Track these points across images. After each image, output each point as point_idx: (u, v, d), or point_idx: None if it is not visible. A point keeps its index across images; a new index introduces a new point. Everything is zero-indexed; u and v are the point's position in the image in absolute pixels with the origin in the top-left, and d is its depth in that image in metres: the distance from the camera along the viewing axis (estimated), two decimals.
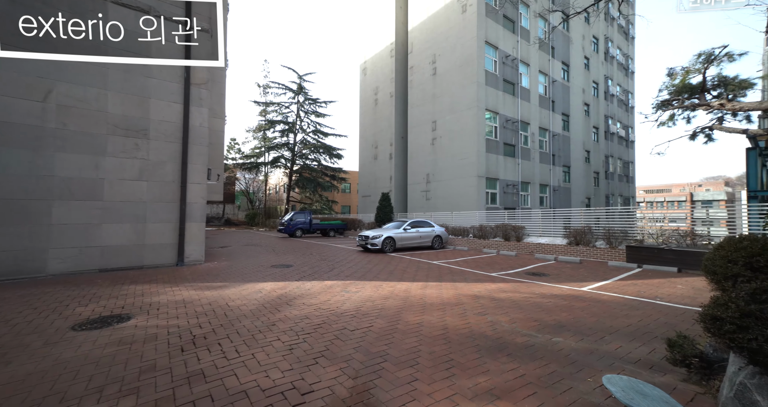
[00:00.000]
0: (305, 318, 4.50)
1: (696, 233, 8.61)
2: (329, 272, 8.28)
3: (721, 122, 9.26)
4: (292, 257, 11.27)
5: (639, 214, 17.31)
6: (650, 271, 8.46)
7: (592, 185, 28.47)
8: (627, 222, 11.91)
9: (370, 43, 29.15)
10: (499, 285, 6.99)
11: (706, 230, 9.94)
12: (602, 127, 30.48)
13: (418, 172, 23.08)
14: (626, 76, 36.31)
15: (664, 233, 9.58)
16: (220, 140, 14.60)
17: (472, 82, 19.25)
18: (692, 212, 10.92)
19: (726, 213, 9.65)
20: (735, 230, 9.09)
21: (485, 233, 14.40)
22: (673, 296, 6.04)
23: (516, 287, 6.83)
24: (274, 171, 39.07)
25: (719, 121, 9.15)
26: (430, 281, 7.43)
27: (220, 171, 14.58)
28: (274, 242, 17.45)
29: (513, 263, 10.12)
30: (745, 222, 8.77)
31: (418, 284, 7.04)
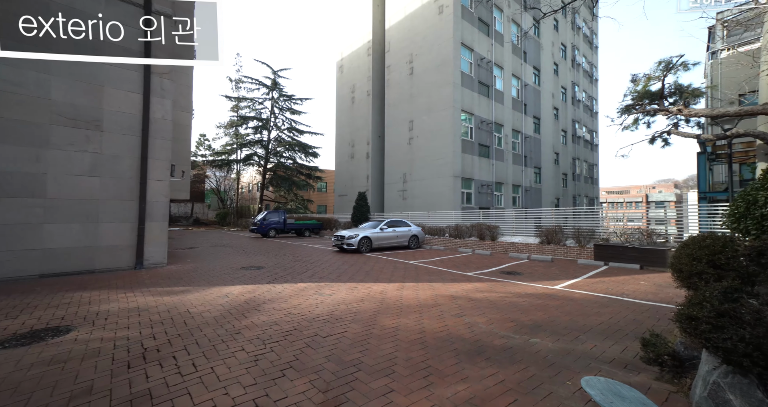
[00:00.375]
0: (274, 324, 4.21)
1: (654, 232, 9.08)
2: (303, 274, 7.95)
3: (677, 127, 9.84)
4: (264, 259, 10.78)
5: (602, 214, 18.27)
6: (616, 268, 8.82)
7: (560, 186, 29.70)
8: (593, 222, 12.43)
9: (348, 41, 28.75)
10: (475, 285, 6.98)
11: (658, 228, 10.56)
12: (570, 130, 31.88)
13: (395, 171, 23.02)
14: (591, 83, 38.25)
15: (627, 232, 10.05)
16: (186, 135, 13.76)
17: (448, 83, 19.43)
18: (647, 212, 11.52)
19: (675, 213, 10.26)
20: (683, 228, 9.73)
21: (461, 232, 14.53)
22: (638, 292, 6.28)
23: (492, 286, 6.85)
24: (247, 169, 37.68)
25: (675, 126, 9.71)
26: (407, 281, 7.30)
27: (186, 168, 13.75)
28: (245, 243, 16.72)
29: (488, 263, 10.23)
30: (695, 221, 9.36)
31: (394, 285, 6.89)
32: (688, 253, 3.64)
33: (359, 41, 27.17)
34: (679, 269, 3.77)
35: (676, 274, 3.86)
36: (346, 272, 8.31)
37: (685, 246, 3.77)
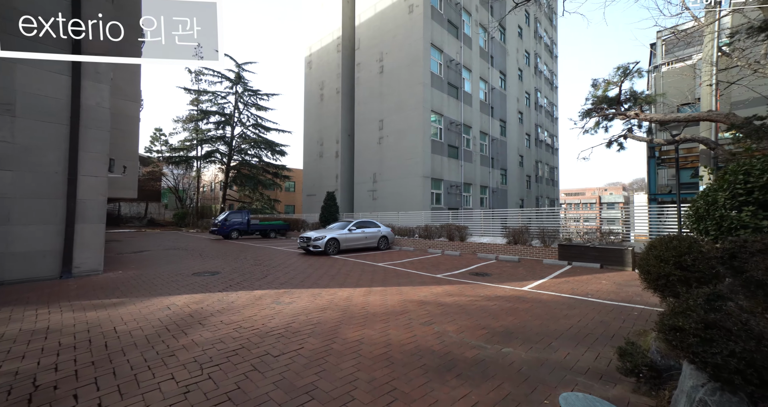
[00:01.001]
0: (219, 341, 3.64)
1: (612, 232, 9.45)
2: (262, 280, 7.30)
3: (632, 132, 10.31)
4: (222, 263, 9.92)
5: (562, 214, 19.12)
6: (579, 268, 9.04)
7: (524, 188, 30.85)
8: (555, 222, 12.83)
9: (317, 36, 27.91)
10: (445, 288, 6.75)
11: (612, 228, 11.09)
12: (533, 134, 33.27)
13: (364, 171, 22.60)
14: (551, 90, 40.27)
15: (587, 232, 10.40)
16: (133, 127, 12.42)
17: (418, 83, 19.36)
18: (600, 213, 12.03)
19: (624, 214, 10.80)
20: (629, 227, 10.30)
21: (430, 233, 14.43)
22: (601, 292, 6.36)
23: (462, 289, 6.65)
24: (209, 167, 35.45)
25: (629, 131, 10.17)
26: (375, 285, 6.92)
27: (133, 163, 12.43)
28: (203, 245, 15.49)
29: (457, 264, 10.13)
30: (644, 221, 9.86)
31: (361, 290, 6.48)
32: (655, 254, 3.58)
33: (329, 37, 26.46)
34: (646, 271, 3.71)
35: (643, 276, 3.80)
36: (311, 277, 7.78)
37: (652, 248, 3.71)
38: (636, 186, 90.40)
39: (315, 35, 28.02)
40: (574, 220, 24.62)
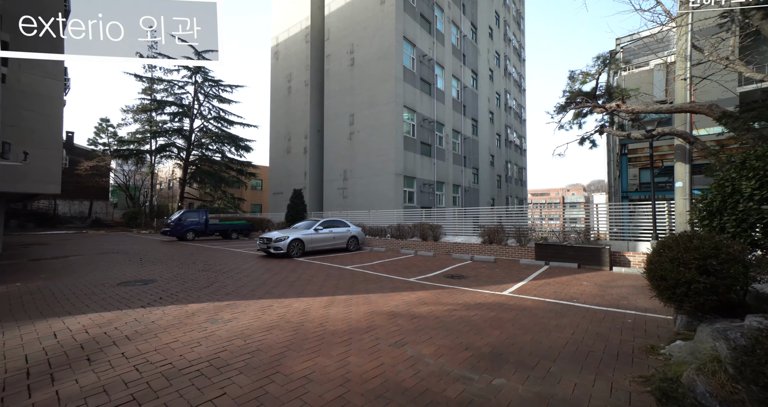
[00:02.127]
0: (99, 390, 2.57)
1: (576, 229, 9.19)
2: (205, 289, 6.13)
3: (606, 127, 10.13)
4: (162, 269, 8.52)
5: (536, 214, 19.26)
6: (557, 268, 8.64)
7: (496, 187, 31.14)
8: (523, 220, 12.56)
9: (284, 25, 26.36)
10: (419, 295, 5.97)
11: (572, 226, 11.00)
12: (503, 135, 33.74)
13: (334, 168, 21.50)
14: (520, 92, 41.24)
15: (564, 231, 10.11)
16: (54, 110, 10.56)
17: (390, 77, 18.60)
18: (564, 212, 11.92)
19: (590, 213, 10.70)
20: (590, 225, 10.24)
21: (403, 232, 13.69)
22: (585, 295, 5.87)
23: (438, 296, 5.90)
24: (164, 162, 32.54)
25: (603, 127, 9.96)
26: (339, 294, 6.00)
27: (53, 152, 10.55)
28: (149, 248, 13.71)
29: (431, 265, 9.44)
30: (605, 219, 9.73)
31: (322, 299, 5.54)
32: (672, 257, 2.97)
33: (297, 27, 25.04)
34: (659, 277, 3.10)
35: (654, 283, 3.18)
36: (265, 284, 6.70)
37: (666, 248, 3.10)
38: (593, 187, 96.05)
39: (283, 24, 26.45)
40: (549, 219, 25.08)
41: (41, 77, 10.30)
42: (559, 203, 78.30)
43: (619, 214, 9.84)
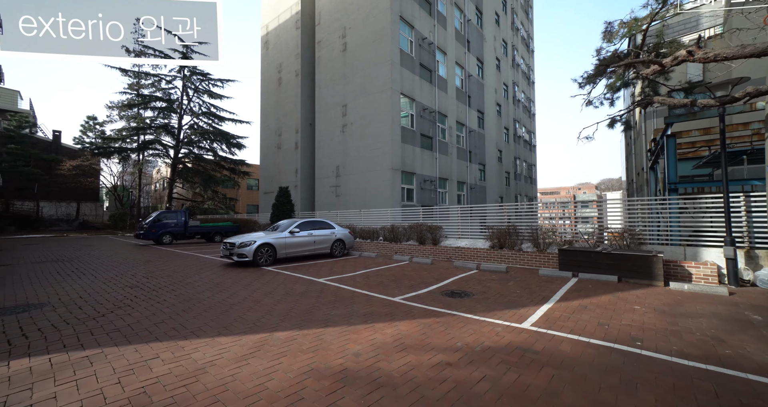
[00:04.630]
0: None
1: (634, 233, 7.12)
2: (89, 322, 4.30)
3: (649, 96, 7.99)
4: (76, 286, 6.74)
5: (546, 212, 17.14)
6: (589, 282, 6.63)
7: (504, 185, 29.01)
8: (533, 219, 10.57)
9: (274, 12, 24.67)
10: (398, 329, 4.05)
11: (577, 227, 8.93)
12: (511, 129, 31.57)
13: (327, 164, 19.67)
14: (529, 85, 38.98)
15: (594, 235, 8.09)
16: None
17: (385, 61, 16.70)
18: (575, 211, 9.98)
19: (597, 212, 8.78)
20: (602, 225, 8.33)
21: (397, 235, 11.77)
22: (650, 331, 3.89)
23: (426, 331, 3.98)
24: (153, 161, 31.07)
25: (646, 97, 7.80)
26: (283, 328, 4.12)
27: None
28: (105, 255, 12.01)
29: (427, 277, 7.50)
30: (636, 218, 7.73)
31: (250, 340, 3.66)
32: None
33: (287, 13, 23.31)
34: None
35: None
36: (189, 311, 4.84)
37: None
38: (603, 186, 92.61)
39: (272, 11, 24.75)
40: (550, 218, 22.90)
41: None
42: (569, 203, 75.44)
43: (662, 211, 7.78)
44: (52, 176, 28.75)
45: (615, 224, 8.46)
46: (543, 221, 15.05)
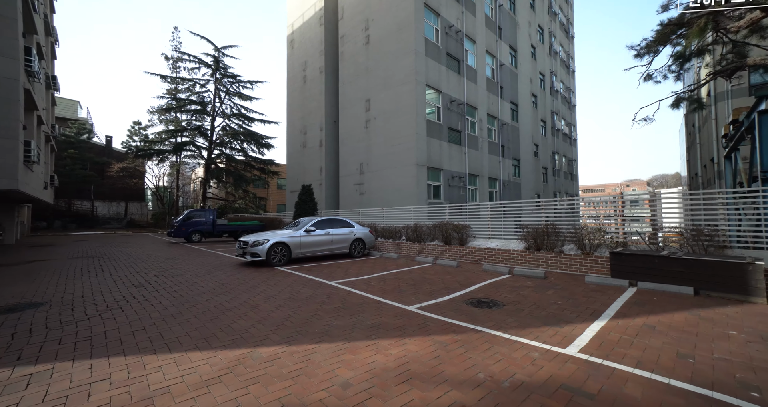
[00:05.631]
0: None
1: (713, 235, 5.72)
2: (61, 330, 3.95)
3: (743, 58, 6.41)
4: (86, 284, 6.64)
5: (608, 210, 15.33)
6: (654, 294, 5.38)
7: (541, 181, 26.95)
8: (573, 217, 9.18)
9: (299, 11, 24.67)
10: (406, 349, 3.27)
11: (627, 228, 7.37)
12: (549, 121, 29.29)
13: (350, 161, 19.18)
14: (568, 73, 36.09)
15: (647, 235, 6.72)
16: (10, 94, 9.29)
17: (409, 51, 15.84)
18: (623, 209, 8.45)
19: (650, 210, 7.25)
20: (657, 224, 6.78)
21: (421, 234, 10.91)
22: (764, 371, 2.77)
23: (441, 353, 3.16)
24: (189, 163, 32.54)
25: (734, 62, 6.24)
26: (270, 342, 3.50)
27: (9, 142, 9.28)
28: (134, 252, 12.32)
29: (451, 281, 6.61)
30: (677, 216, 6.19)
31: (225, 356, 3.06)
32: None
33: (311, 10, 23.17)
34: None
35: None
36: (178, 316, 4.39)
37: None
38: (656, 183, 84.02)
39: (297, 10, 24.77)
40: (595, 217, 20.68)
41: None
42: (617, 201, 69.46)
43: (745, 207, 6.25)
44: (104, 178, 31.10)
45: (672, 223, 7.02)
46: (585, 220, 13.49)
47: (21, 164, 9.81)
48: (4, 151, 9.18)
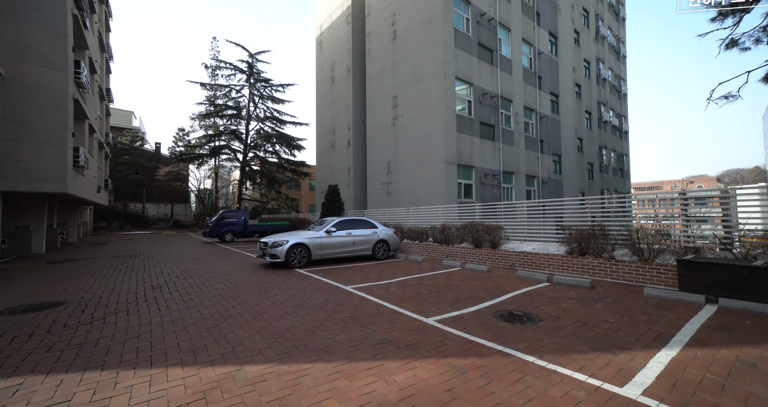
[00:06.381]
0: None
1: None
2: (58, 335, 3.85)
3: None
4: (110, 284, 6.78)
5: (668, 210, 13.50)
6: (745, 315, 4.27)
7: (586, 178, 24.72)
8: (624, 218, 7.87)
9: (327, 11, 24.78)
10: (415, 375, 2.69)
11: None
12: (595, 113, 26.81)
13: (378, 160, 18.77)
14: (618, 60, 32.89)
15: (718, 239, 5.48)
16: (59, 103, 9.98)
17: (437, 43, 15.07)
18: (687, 208, 7.01)
19: (722, 209, 5.79)
20: (730, 228, 5.30)
21: (448, 236, 10.16)
22: None
23: (457, 384, 2.55)
24: (229, 166, 34.13)
25: None
26: (261, 358, 3.10)
27: (58, 148, 9.97)
28: (169, 251, 12.85)
29: (479, 289, 5.88)
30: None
31: (205, 375, 2.71)
32: None
33: (338, 10, 23.14)
34: None
35: None
36: (177, 323, 4.17)
37: None
38: (728, 178, 74.01)
39: (325, 10, 24.90)
40: (654, 217, 18.29)
41: (46, 69, 9.76)
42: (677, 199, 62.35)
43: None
44: (152, 181, 33.64)
45: (752, 225, 5.66)
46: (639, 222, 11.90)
47: (69, 168, 10.53)
48: (53, 156, 9.89)
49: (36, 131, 9.56)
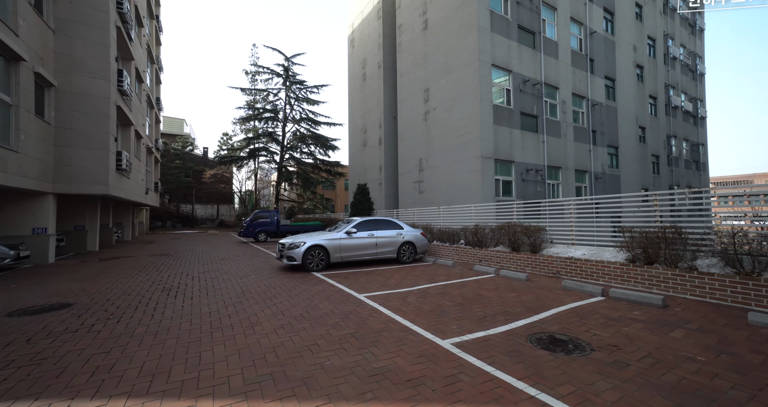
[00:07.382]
0: None
1: None
2: (36, 345, 3.62)
3: None
4: (131, 283, 6.79)
5: None
6: None
7: (650, 172, 21.66)
8: (701, 218, 6.17)
9: (358, 8, 24.45)
10: None
11: None
12: (662, 98, 23.41)
13: (409, 157, 17.95)
14: (692, 34, 28.43)
15: None
16: (102, 110, 10.57)
17: (472, 28, 13.88)
18: None
19: None
20: None
21: (482, 238, 9.08)
22: None
23: None
24: (268, 168, 35.40)
25: None
26: (223, 392, 2.53)
27: (101, 152, 10.55)
28: (204, 251, 13.21)
29: (514, 302, 4.89)
30: None
31: None
32: None
33: (369, 5, 22.67)
34: None
35: None
36: (162, 334, 3.80)
37: None
38: None
39: (357, 8, 24.59)
40: (743, 216, 14.94)
41: (89, 78, 10.37)
42: None
43: None
44: (200, 183, 36.02)
45: None
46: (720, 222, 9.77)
47: (112, 171, 11.15)
48: (96, 160, 10.52)
49: (82, 136, 10.21)
